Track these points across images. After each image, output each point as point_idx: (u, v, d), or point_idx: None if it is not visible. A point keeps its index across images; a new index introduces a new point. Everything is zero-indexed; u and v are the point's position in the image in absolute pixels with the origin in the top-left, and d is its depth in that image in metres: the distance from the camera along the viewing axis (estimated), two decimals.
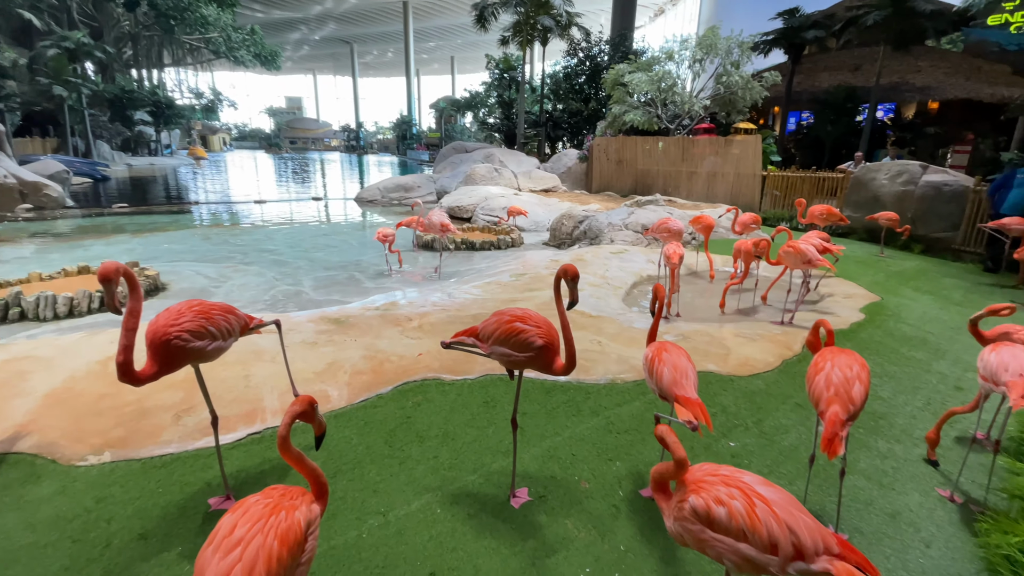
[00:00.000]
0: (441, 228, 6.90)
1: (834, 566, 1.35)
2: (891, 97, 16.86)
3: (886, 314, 5.37)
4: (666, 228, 6.41)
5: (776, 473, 2.88)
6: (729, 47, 14.46)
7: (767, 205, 12.80)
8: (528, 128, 24.41)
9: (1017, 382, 2.14)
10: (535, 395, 3.57)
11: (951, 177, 8.72)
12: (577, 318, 5.00)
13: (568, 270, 2.16)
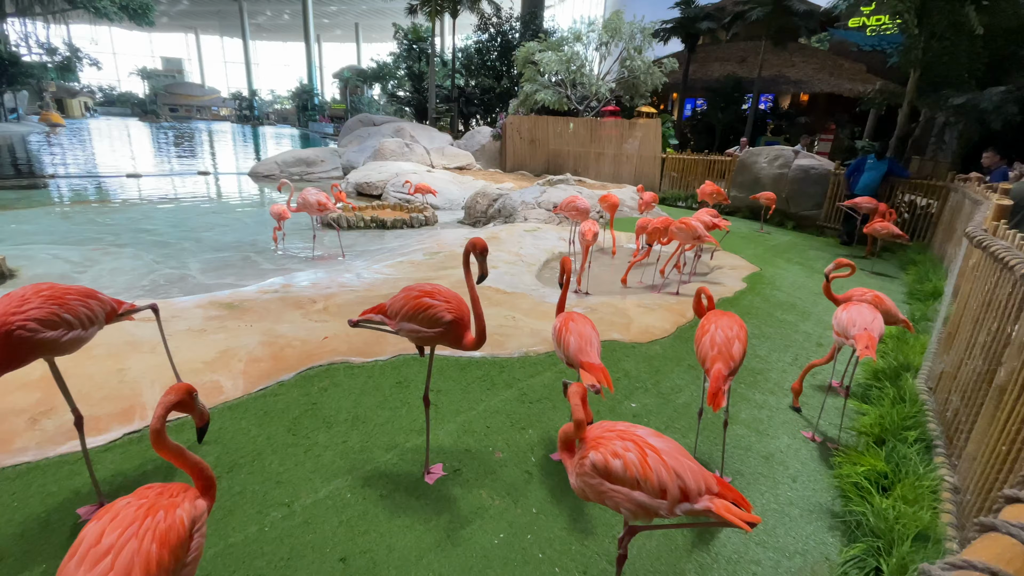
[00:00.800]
0: (318, 207, 6.48)
1: (714, 503, 1.50)
2: (771, 88, 18.59)
3: (764, 283, 6.02)
4: (574, 206, 6.62)
5: (672, 428, 3.15)
6: (632, 32, 15.04)
7: (666, 186, 13.68)
8: (440, 103, 23.79)
9: (862, 335, 2.51)
10: (450, 372, 3.56)
11: (816, 162, 9.89)
12: (492, 295, 5.03)
13: (477, 244, 2.15)
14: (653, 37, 16.72)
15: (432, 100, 22.45)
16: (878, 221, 6.92)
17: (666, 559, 2.20)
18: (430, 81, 22.58)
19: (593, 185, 12.85)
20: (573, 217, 6.36)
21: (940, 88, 9.27)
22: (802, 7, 15.59)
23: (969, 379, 2.60)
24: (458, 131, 22.16)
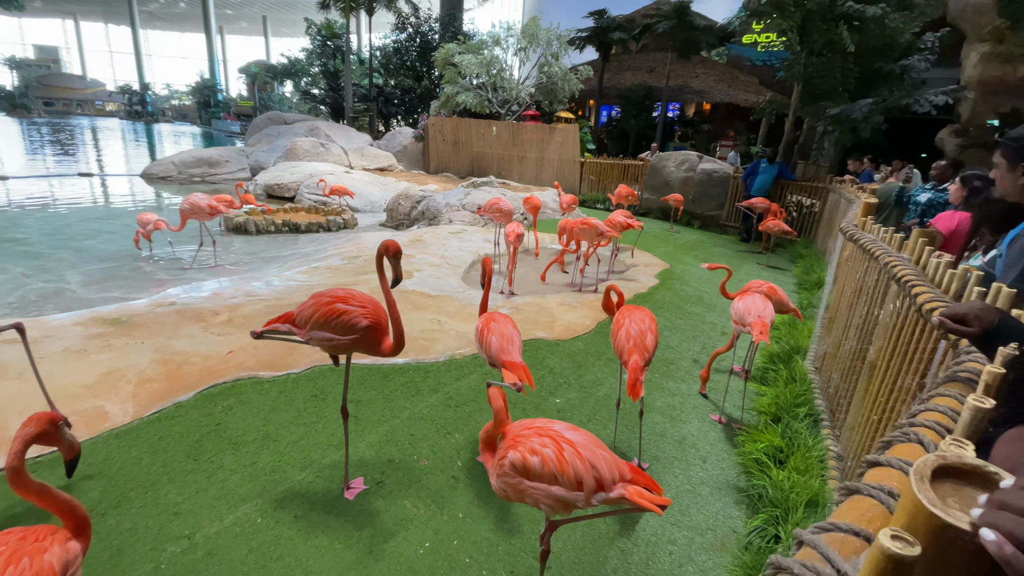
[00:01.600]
0: (209, 211, 6.00)
1: (627, 490, 1.55)
2: (677, 97, 19.90)
3: (674, 278, 6.41)
4: (498, 208, 6.66)
5: (594, 420, 3.25)
6: (549, 39, 15.45)
7: (586, 188, 14.18)
8: (358, 103, 22.95)
9: (756, 322, 2.75)
10: (371, 381, 3.43)
11: (718, 165, 10.72)
12: (416, 298, 4.92)
13: (390, 246, 2.08)
14: (569, 45, 17.27)
15: (349, 99, 21.62)
16: (771, 219, 7.63)
17: (590, 549, 2.26)
18: (346, 79, 21.72)
19: (517, 187, 13.02)
20: (497, 219, 6.40)
21: (819, 99, 10.40)
22: (702, 23, 16.86)
23: (846, 358, 2.93)
24: (378, 131, 21.51)
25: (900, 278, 2.05)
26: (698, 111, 20.86)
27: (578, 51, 19.29)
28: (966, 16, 14.51)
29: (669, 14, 16.26)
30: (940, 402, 0.99)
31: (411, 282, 5.26)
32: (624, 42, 18.77)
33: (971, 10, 14.37)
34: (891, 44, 9.86)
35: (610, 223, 6.13)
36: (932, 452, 0.60)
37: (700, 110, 20.86)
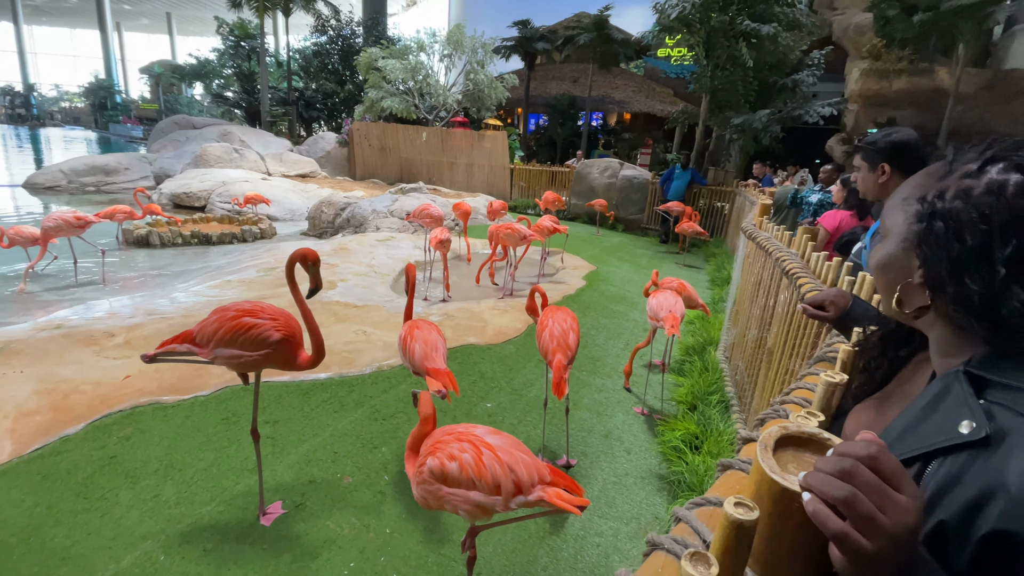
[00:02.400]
0: (77, 223, 5.25)
1: (546, 492, 1.58)
2: (600, 107, 20.76)
3: (600, 279, 6.65)
4: (427, 214, 6.58)
5: (524, 422, 3.29)
6: (474, 46, 15.55)
7: (516, 194, 14.39)
8: (276, 106, 21.83)
9: (668, 316, 2.91)
10: (290, 399, 3.25)
11: (638, 172, 11.28)
12: (340, 309, 4.74)
13: (307, 254, 1.99)
14: (495, 53, 17.49)
15: (266, 102, 20.50)
16: (685, 222, 8.13)
17: (520, 550, 2.28)
18: (262, 82, 20.59)
19: (448, 194, 12.95)
20: (427, 225, 6.32)
21: (724, 110, 11.28)
22: (620, 36, 17.71)
23: (750, 346, 3.17)
24: (299, 136, 20.57)
25: (788, 271, 2.25)
26: (619, 120, 21.87)
27: (504, 59, 19.60)
28: (848, 36, 16.31)
29: (589, 27, 16.95)
30: (809, 380, 1.10)
31: (335, 292, 5.06)
32: (548, 52, 19.33)
33: (853, 30, 16.18)
34: (784, 60, 10.91)
35: (537, 228, 6.26)
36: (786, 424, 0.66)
37: (621, 119, 21.87)
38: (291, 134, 20.25)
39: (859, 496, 0.44)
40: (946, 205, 0.59)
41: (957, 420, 0.53)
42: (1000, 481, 0.47)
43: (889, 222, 0.68)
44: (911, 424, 0.60)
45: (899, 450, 0.58)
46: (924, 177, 0.66)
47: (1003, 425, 0.50)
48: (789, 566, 0.54)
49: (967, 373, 0.57)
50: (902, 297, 0.66)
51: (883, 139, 2.03)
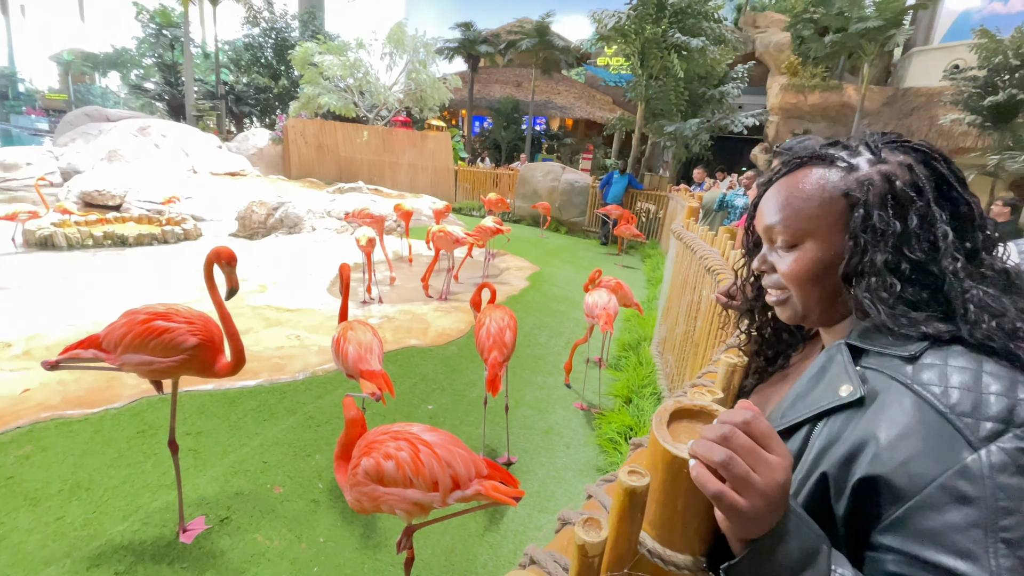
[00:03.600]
0: None
1: (483, 486, 1.59)
2: (543, 112, 21.12)
3: (543, 280, 6.77)
4: (368, 214, 6.42)
5: (466, 422, 3.28)
6: (416, 46, 15.37)
7: (461, 196, 14.35)
8: (203, 100, 20.52)
9: (601, 313, 3.02)
10: (215, 408, 3.07)
11: (579, 176, 11.58)
12: (272, 313, 4.53)
13: (221, 253, 1.88)
14: (438, 54, 17.35)
15: (191, 96, 19.21)
16: (624, 224, 8.43)
17: (459, 549, 2.27)
18: (187, 74, 19.29)
19: (390, 194, 12.68)
20: (368, 226, 6.16)
21: (658, 118, 11.81)
22: (561, 43, 18.10)
23: (679, 340, 3.34)
24: (228, 132, 19.46)
25: (710, 268, 2.39)
26: (562, 125, 22.34)
27: (447, 61, 19.50)
28: (769, 53, 17.57)
29: (531, 32, 17.21)
30: (718, 364, 1.18)
31: (266, 296, 4.83)
32: (491, 56, 19.44)
33: (773, 48, 17.44)
34: (712, 73, 11.57)
35: (480, 230, 6.27)
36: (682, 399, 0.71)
37: (563, 124, 22.35)
38: (220, 130, 19.10)
39: (735, 458, 0.48)
40: (877, 191, 0.62)
41: (838, 385, 0.59)
42: (871, 432, 0.53)
43: (805, 227, 0.67)
44: (801, 392, 0.66)
45: (791, 416, 0.64)
46: (829, 180, 0.66)
47: (875, 386, 0.56)
48: (682, 528, 0.58)
49: (847, 344, 0.63)
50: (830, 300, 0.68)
51: (797, 145, 2.20)
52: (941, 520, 0.48)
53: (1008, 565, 0.45)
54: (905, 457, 0.50)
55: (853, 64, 15.07)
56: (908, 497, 0.50)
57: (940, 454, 0.49)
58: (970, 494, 0.47)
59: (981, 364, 0.52)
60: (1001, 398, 0.49)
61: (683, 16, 10.24)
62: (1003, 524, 0.46)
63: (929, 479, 0.49)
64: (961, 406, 0.50)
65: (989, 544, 0.46)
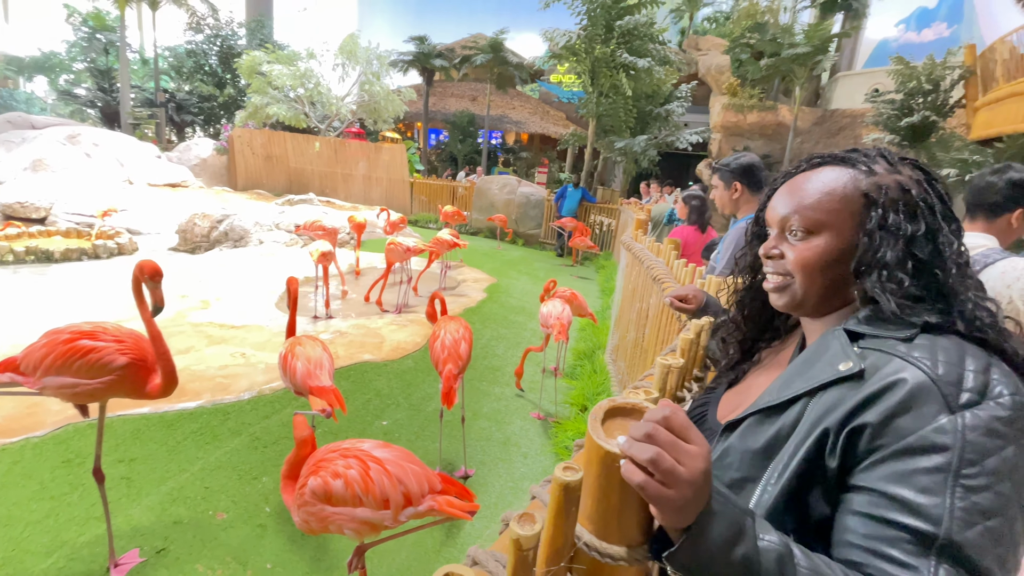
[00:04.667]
0: None
1: (436, 501, 1.57)
2: (499, 126, 21.38)
3: (501, 291, 6.80)
4: (320, 226, 6.26)
5: (422, 436, 3.23)
6: (369, 58, 15.24)
7: (417, 208, 14.24)
8: (140, 107, 19.44)
9: (555, 323, 3.07)
10: (151, 432, 2.89)
11: (534, 189, 11.77)
12: (215, 331, 4.33)
13: (144, 267, 1.78)
14: (392, 66, 17.27)
15: (126, 103, 18.18)
16: (578, 236, 8.62)
17: (416, 567, 2.22)
18: (123, 80, 18.26)
19: (343, 206, 12.42)
20: (320, 239, 6.00)
21: (609, 134, 12.20)
22: (515, 59, 18.46)
23: (630, 347, 3.44)
24: (168, 142, 18.53)
25: (656, 277, 2.49)
26: (517, 140, 22.68)
27: (402, 73, 19.44)
28: (711, 74, 18.54)
29: (486, 48, 17.45)
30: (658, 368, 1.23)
31: (208, 312, 4.61)
32: (446, 69, 19.54)
33: (714, 69, 18.42)
34: (658, 91, 12.11)
35: (436, 242, 6.24)
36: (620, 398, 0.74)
37: (519, 139, 22.70)
38: (159, 139, 18.15)
39: (661, 454, 0.51)
40: (893, 196, 0.70)
41: (837, 363, 0.65)
42: (869, 394, 0.60)
43: (823, 219, 0.73)
44: (795, 373, 0.71)
45: (786, 393, 0.69)
46: (849, 180, 0.73)
47: (875, 361, 0.63)
48: (618, 521, 0.60)
49: (846, 330, 0.69)
50: (829, 291, 0.74)
51: (734, 162, 2.36)
52: (913, 464, 0.55)
53: (962, 506, 0.52)
54: (893, 411, 0.57)
55: (786, 87, 16.18)
56: (890, 445, 0.57)
57: (924, 413, 0.56)
58: (943, 443, 0.54)
59: (964, 348, 0.60)
60: (979, 375, 0.57)
61: (630, 37, 10.69)
62: (966, 472, 0.53)
63: (911, 431, 0.56)
64: (947, 377, 0.57)
65: (950, 486, 0.53)
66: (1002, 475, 0.53)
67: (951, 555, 0.52)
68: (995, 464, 0.53)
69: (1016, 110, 7.79)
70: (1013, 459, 0.54)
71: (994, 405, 0.55)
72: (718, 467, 0.73)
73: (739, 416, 0.74)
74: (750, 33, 14.75)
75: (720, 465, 0.73)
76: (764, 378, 0.85)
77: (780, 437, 0.67)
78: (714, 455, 0.73)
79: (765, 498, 0.65)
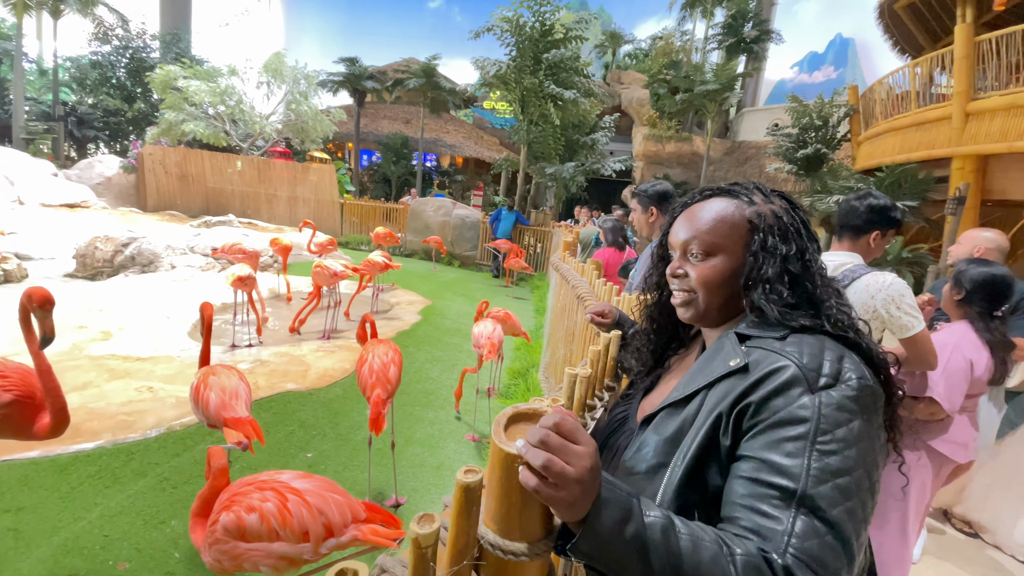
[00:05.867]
0: None
1: (360, 531, 1.53)
2: (433, 148, 21.48)
3: (436, 313, 6.76)
4: (240, 249, 5.95)
5: (350, 467, 3.12)
6: (296, 77, 14.87)
7: (348, 230, 13.88)
8: (35, 121, 17.64)
9: (486, 343, 3.12)
10: (40, 478, 2.58)
11: (469, 212, 11.89)
12: (118, 363, 3.96)
13: (33, 296, 1.63)
14: (320, 86, 16.93)
15: (19, 116, 16.45)
16: (513, 258, 8.79)
17: None
18: (16, 91, 16.54)
19: (267, 228, 11.87)
20: (239, 262, 5.68)
21: (539, 160, 12.64)
22: (448, 84, 18.74)
23: (560, 364, 3.54)
24: (67, 159, 16.90)
25: (580, 295, 2.62)
26: (452, 163, 22.87)
27: (332, 94, 19.09)
28: (633, 106, 19.77)
29: (418, 72, 17.60)
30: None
31: (110, 344, 4.22)
32: (378, 92, 19.43)
33: (635, 102, 19.66)
34: (584, 121, 12.76)
35: (368, 264, 6.12)
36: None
37: (453, 162, 22.90)
38: (56, 155, 16.51)
39: (551, 459, 0.57)
40: (770, 222, 0.83)
41: (728, 360, 0.76)
42: (752, 380, 0.71)
43: (718, 243, 0.84)
44: (697, 370, 0.82)
45: (690, 387, 0.79)
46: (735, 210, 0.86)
47: (758, 357, 0.74)
48: (519, 519, 0.65)
49: (736, 333, 0.81)
50: (726, 304, 0.85)
51: (651, 189, 2.56)
52: (782, 433, 0.66)
53: (816, 466, 0.62)
54: (770, 394, 0.69)
55: (700, 120, 17.63)
56: (766, 420, 0.68)
57: (792, 393, 0.68)
58: (804, 416, 0.65)
59: (824, 343, 0.73)
60: (834, 364, 0.69)
61: (557, 70, 11.25)
62: (821, 440, 0.64)
63: (782, 408, 0.67)
64: (810, 365, 0.69)
65: (808, 450, 0.63)
66: (850, 442, 0.64)
67: (807, 506, 0.61)
68: (844, 434, 0.64)
69: (893, 143, 8.96)
70: (859, 431, 0.65)
71: (845, 387, 0.67)
72: (636, 458, 0.82)
73: (653, 411, 0.84)
74: (666, 70, 16.01)
75: (638, 456, 0.82)
76: (675, 380, 0.94)
77: (685, 425, 0.77)
78: (633, 448, 0.84)
79: (673, 478, 0.74)
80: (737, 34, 17.32)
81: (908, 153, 8.29)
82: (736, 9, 17.72)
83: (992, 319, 2.09)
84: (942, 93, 8.29)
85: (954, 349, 2.03)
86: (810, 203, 11.54)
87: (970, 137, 6.95)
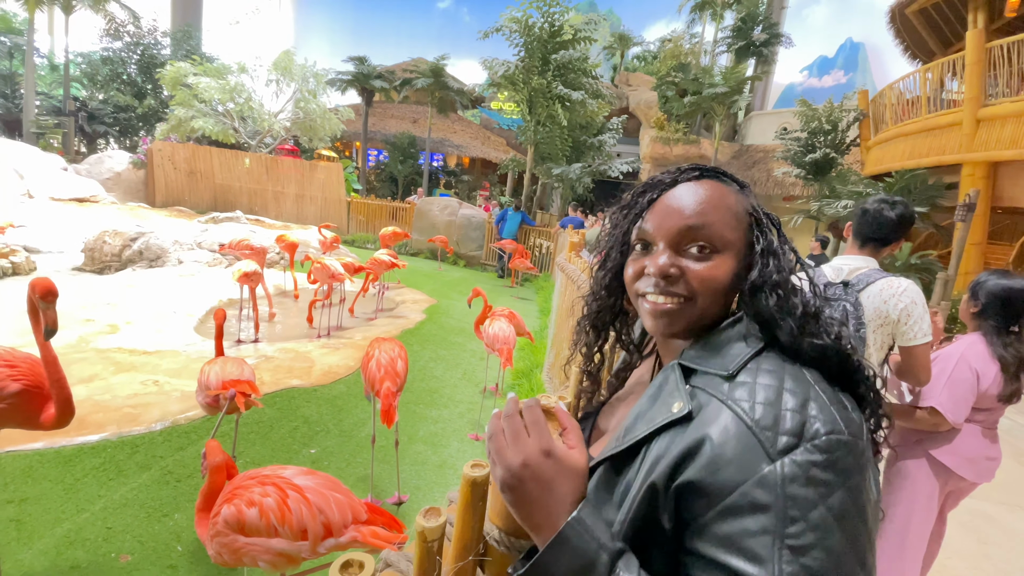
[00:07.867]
0: None
1: (360, 532, 1.52)
2: (440, 148, 21.50)
3: (440, 312, 6.76)
4: (247, 246, 5.99)
5: (353, 464, 3.12)
6: (305, 75, 14.93)
7: (354, 228, 13.92)
8: (46, 116, 17.81)
9: (502, 349, 3.13)
10: (46, 470, 2.60)
11: (475, 211, 11.90)
12: (124, 357, 3.98)
13: (36, 287, 1.63)
14: (329, 85, 17.00)
15: (30, 110, 16.62)
16: (518, 258, 8.78)
17: None
18: (27, 86, 16.70)
19: (274, 225, 11.92)
20: (247, 258, 5.72)
21: (546, 161, 12.63)
22: (456, 85, 18.75)
23: (564, 364, 3.53)
24: (78, 153, 17.05)
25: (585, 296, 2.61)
26: (459, 163, 22.89)
27: (340, 92, 19.16)
28: (640, 108, 19.72)
29: (427, 72, 17.62)
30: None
31: (116, 337, 4.24)
32: (386, 91, 19.47)
33: (643, 104, 19.61)
34: (592, 123, 12.75)
35: (374, 263, 6.13)
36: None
37: (460, 162, 22.92)
38: (66, 150, 16.66)
39: (497, 434, 0.59)
40: (762, 216, 0.69)
41: (671, 402, 0.60)
42: (692, 443, 0.55)
43: (728, 237, 0.66)
44: (642, 411, 0.65)
45: (632, 434, 0.62)
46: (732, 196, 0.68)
47: (701, 402, 0.58)
48: None
49: (680, 365, 0.65)
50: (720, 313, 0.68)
51: None
52: (739, 525, 0.50)
53: (790, 570, 0.47)
54: (717, 465, 0.52)
55: (708, 123, 17.56)
56: (716, 503, 0.51)
57: (744, 463, 0.51)
58: (764, 501, 0.49)
59: (783, 382, 0.56)
60: (796, 414, 0.52)
61: (565, 71, 11.24)
62: (789, 531, 0.48)
63: (734, 486, 0.51)
64: (764, 420, 0.53)
65: (776, 549, 0.48)
66: (829, 528, 0.48)
67: None
68: (820, 517, 0.48)
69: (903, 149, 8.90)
70: (840, 506, 0.49)
71: (811, 448, 0.50)
72: None
73: (593, 463, 0.66)
74: (675, 72, 15.96)
75: None
76: (624, 409, 0.80)
77: (627, 489, 0.61)
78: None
79: None
80: (746, 37, 17.26)
81: (918, 159, 8.22)
82: (746, 12, 17.67)
83: (1008, 334, 1.98)
84: (953, 99, 8.22)
85: (960, 359, 1.95)
86: (818, 207, 11.48)
87: (980, 143, 6.89)
